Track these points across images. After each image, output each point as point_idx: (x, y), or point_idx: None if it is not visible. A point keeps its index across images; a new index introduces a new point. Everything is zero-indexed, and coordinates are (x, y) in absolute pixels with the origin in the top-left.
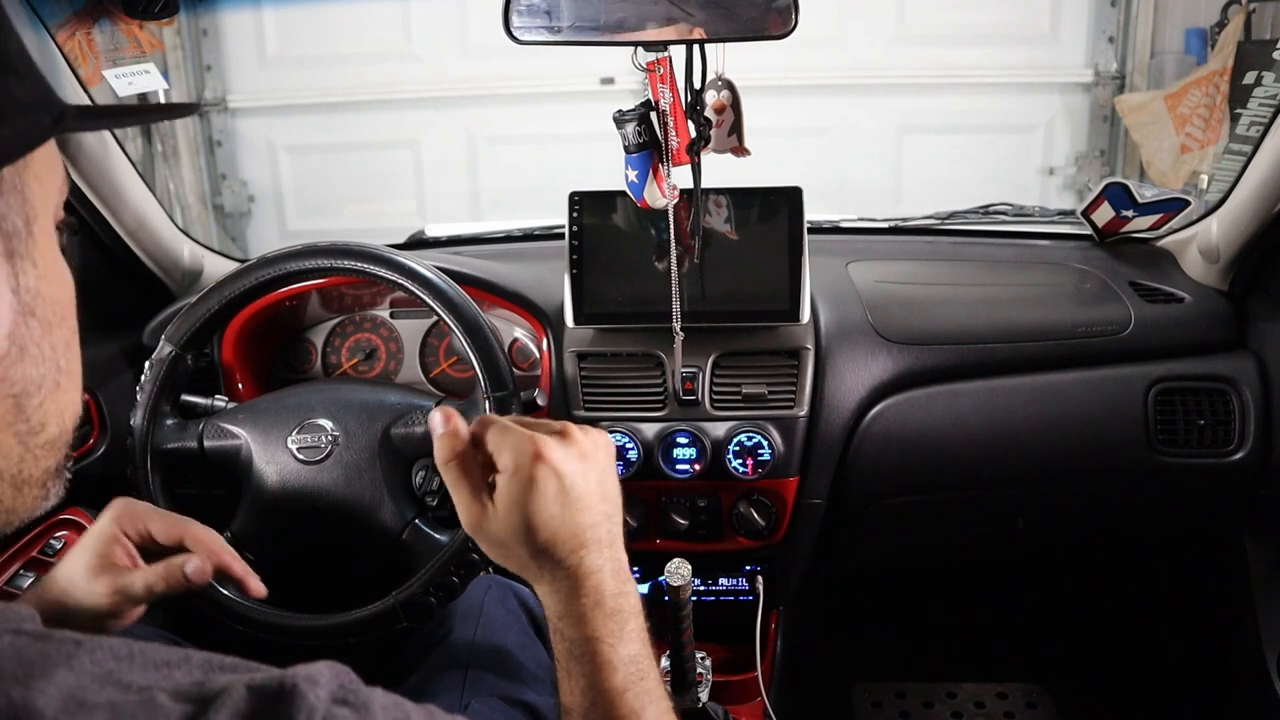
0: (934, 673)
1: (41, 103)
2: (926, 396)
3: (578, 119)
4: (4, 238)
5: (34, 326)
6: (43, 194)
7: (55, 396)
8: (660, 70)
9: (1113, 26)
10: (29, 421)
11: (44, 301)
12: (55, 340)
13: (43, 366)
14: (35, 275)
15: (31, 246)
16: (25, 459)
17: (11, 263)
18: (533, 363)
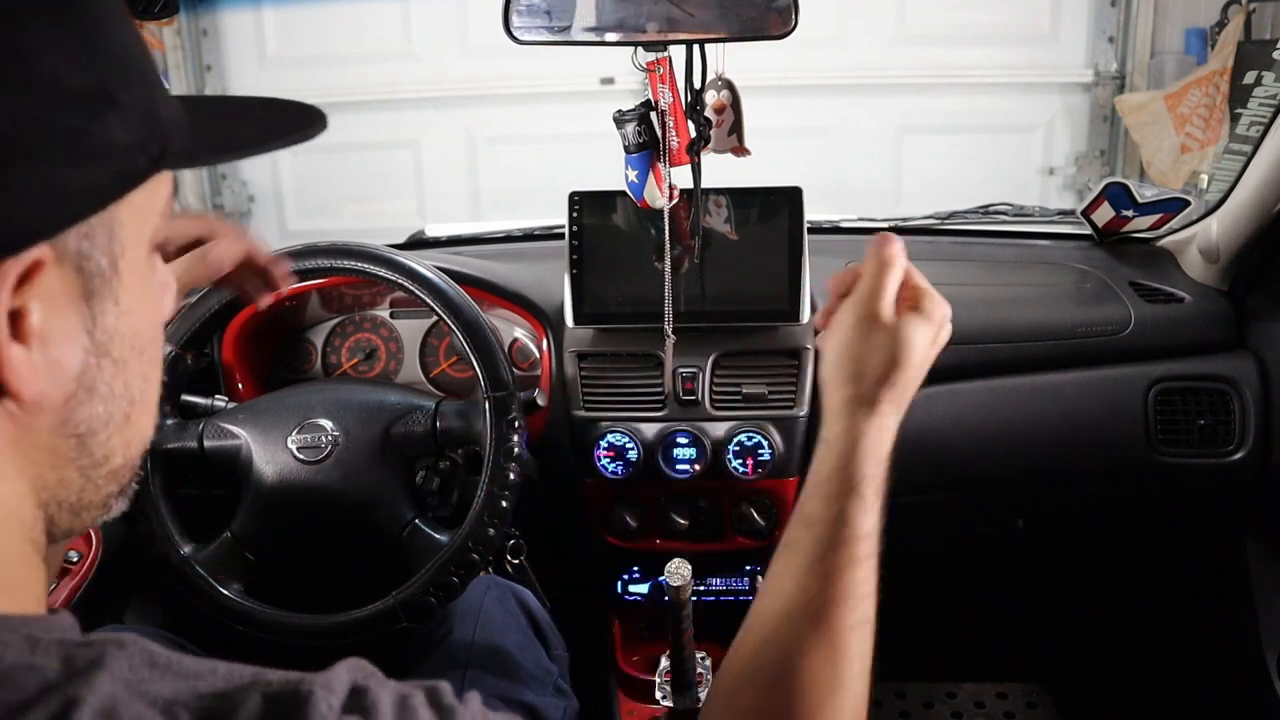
0: (934, 673)
1: (142, 141)
2: (926, 396)
3: (578, 119)
4: (84, 278)
5: (106, 366)
6: (138, 228)
7: (124, 430)
8: (660, 70)
9: (1113, 26)
10: (92, 456)
11: (121, 339)
12: (130, 376)
13: (111, 404)
14: (115, 313)
15: (116, 285)
16: (86, 488)
17: (89, 304)
18: (533, 363)
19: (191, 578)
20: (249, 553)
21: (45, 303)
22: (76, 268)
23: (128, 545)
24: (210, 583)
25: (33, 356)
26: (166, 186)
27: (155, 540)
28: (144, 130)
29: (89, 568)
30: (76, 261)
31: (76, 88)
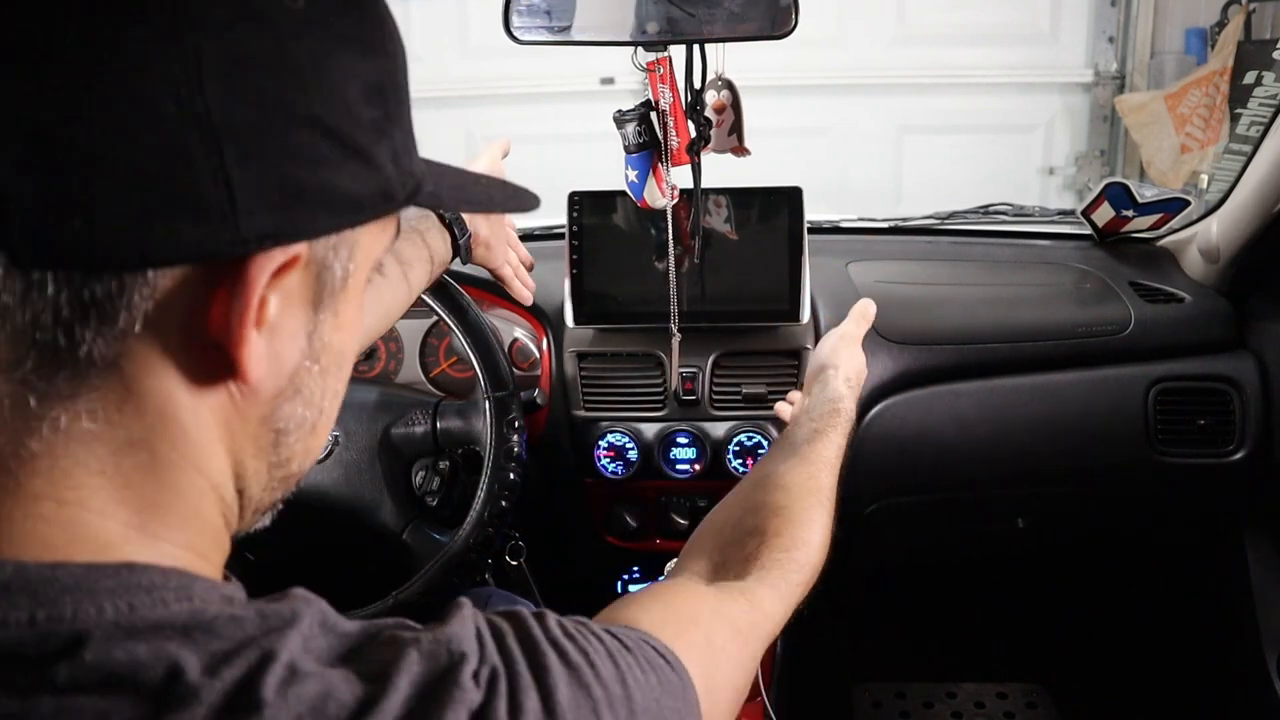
0: (934, 673)
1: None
2: (926, 396)
3: (578, 119)
4: (319, 287)
5: (314, 372)
6: (370, 252)
7: (309, 438)
8: (660, 70)
9: (1113, 26)
10: (279, 455)
11: (330, 352)
12: (328, 387)
13: (309, 410)
14: (332, 325)
15: (340, 299)
16: (267, 487)
17: (316, 312)
18: (533, 363)
19: None
20: (248, 553)
21: (284, 298)
22: (316, 274)
23: None
24: None
25: (262, 345)
26: (394, 224)
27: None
28: (404, 165)
29: None
30: (318, 268)
31: (364, 115)
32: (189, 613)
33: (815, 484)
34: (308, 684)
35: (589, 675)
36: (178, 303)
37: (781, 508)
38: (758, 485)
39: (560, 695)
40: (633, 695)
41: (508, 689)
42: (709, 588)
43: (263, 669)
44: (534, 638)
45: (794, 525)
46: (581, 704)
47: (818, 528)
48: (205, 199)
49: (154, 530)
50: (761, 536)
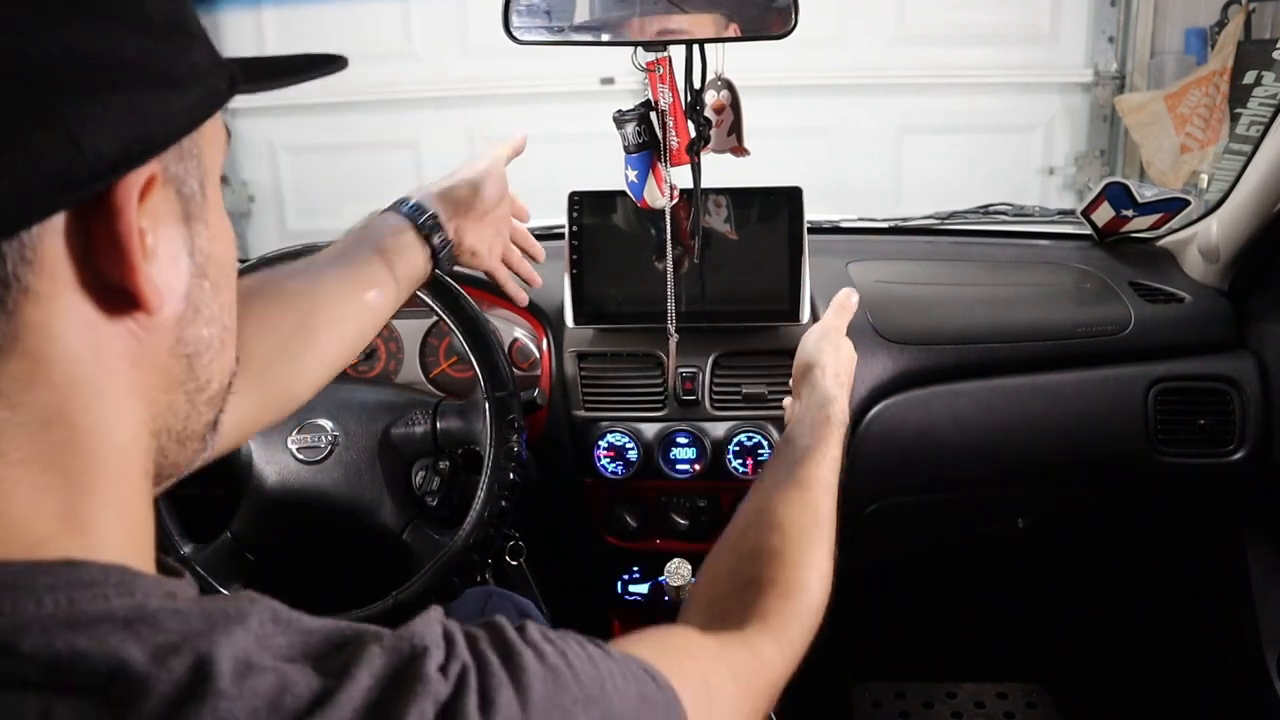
0: (934, 673)
1: (217, 67)
2: (926, 396)
3: (578, 119)
4: (182, 201)
5: (206, 288)
6: (213, 155)
7: (220, 356)
8: (660, 70)
9: (1113, 26)
10: (197, 380)
11: (214, 263)
12: (223, 301)
13: (213, 327)
14: (207, 236)
15: (205, 208)
16: (190, 415)
17: (189, 226)
18: (533, 363)
19: None
20: (249, 553)
21: (155, 221)
22: (176, 190)
23: None
24: (210, 583)
25: (153, 272)
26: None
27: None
28: (217, 58)
29: None
30: (176, 184)
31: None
32: (130, 606)
33: (813, 515)
34: (263, 677)
35: (566, 675)
36: (60, 259)
37: (778, 552)
38: (752, 525)
39: (535, 692)
40: (610, 699)
41: (479, 684)
42: (707, 635)
43: (213, 661)
44: (509, 640)
45: (791, 569)
46: (556, 701)
47: (815, 569)
48: (49, 143)
49: (88, 518)
50: (759, 586)
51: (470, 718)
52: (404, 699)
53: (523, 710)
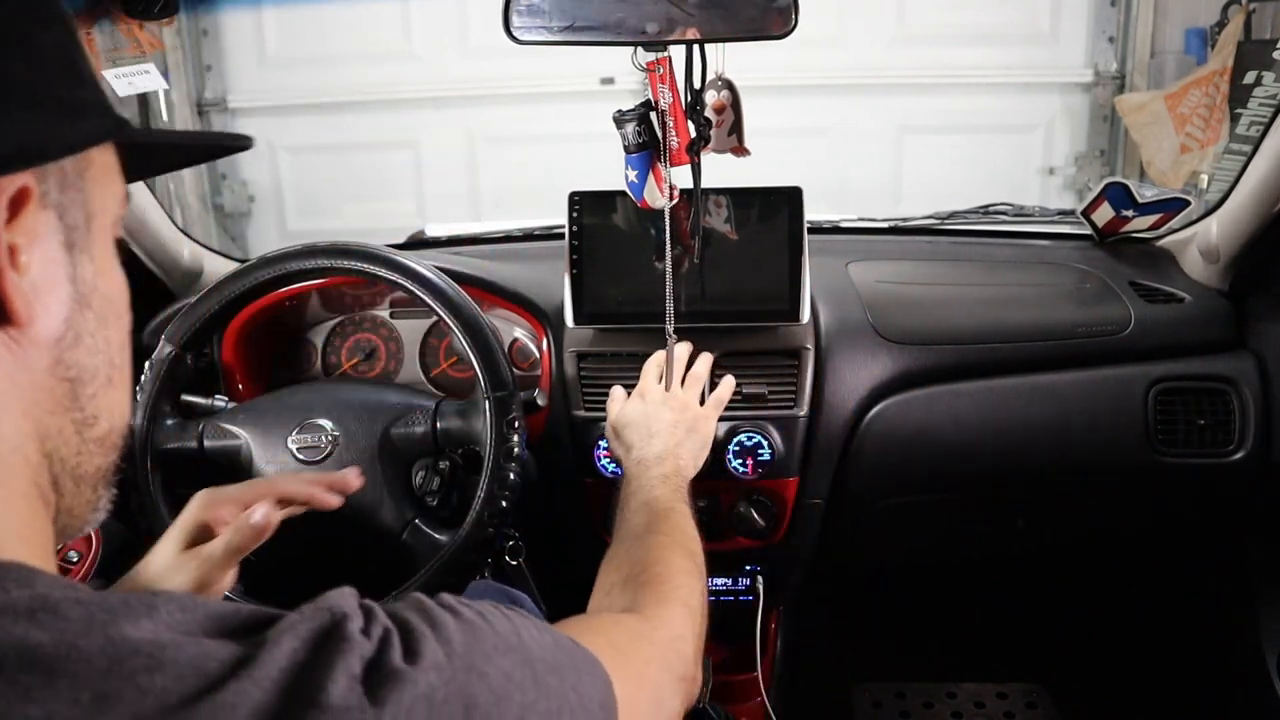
0: (934, 673)
1: (105, 111)
2: (926, 396)
3: (578, 119)
4: (65, 229)
5: (89, 318)
6: (101, 197)
7: (108, 391)
8: (660, 70)
9: (1113, 26)
10: (84, 411)
11: (100, 296)
12: (110, 335)
13: (97, 357)
14: (92, 270)
15: (90, 242)
16: (82, 451)
17: (71, 254)
18: (533, 363)
19: None
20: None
21: (30, 238)
22: (59, 215)
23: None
24: None
25: (25, 285)
26: (119, 182)
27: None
28: (105, 103)
29: (89, 568)
30: (58, 210)
31: (55, 55)
32: (32, 597)
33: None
34: (182, 650)
35: (484, 627)
36: None
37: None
38: (633, 553)
39: (456, 643)
40: (528, 645)
41: (402, 642)
42: (604, 614)
43: (125, 640)
44: (426, 605)
45: (665, 569)
46: (476, 647)
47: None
48: None
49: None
50: (639, 583)
51: (397, 667)
52: (330, 658)
53: (447, 658)
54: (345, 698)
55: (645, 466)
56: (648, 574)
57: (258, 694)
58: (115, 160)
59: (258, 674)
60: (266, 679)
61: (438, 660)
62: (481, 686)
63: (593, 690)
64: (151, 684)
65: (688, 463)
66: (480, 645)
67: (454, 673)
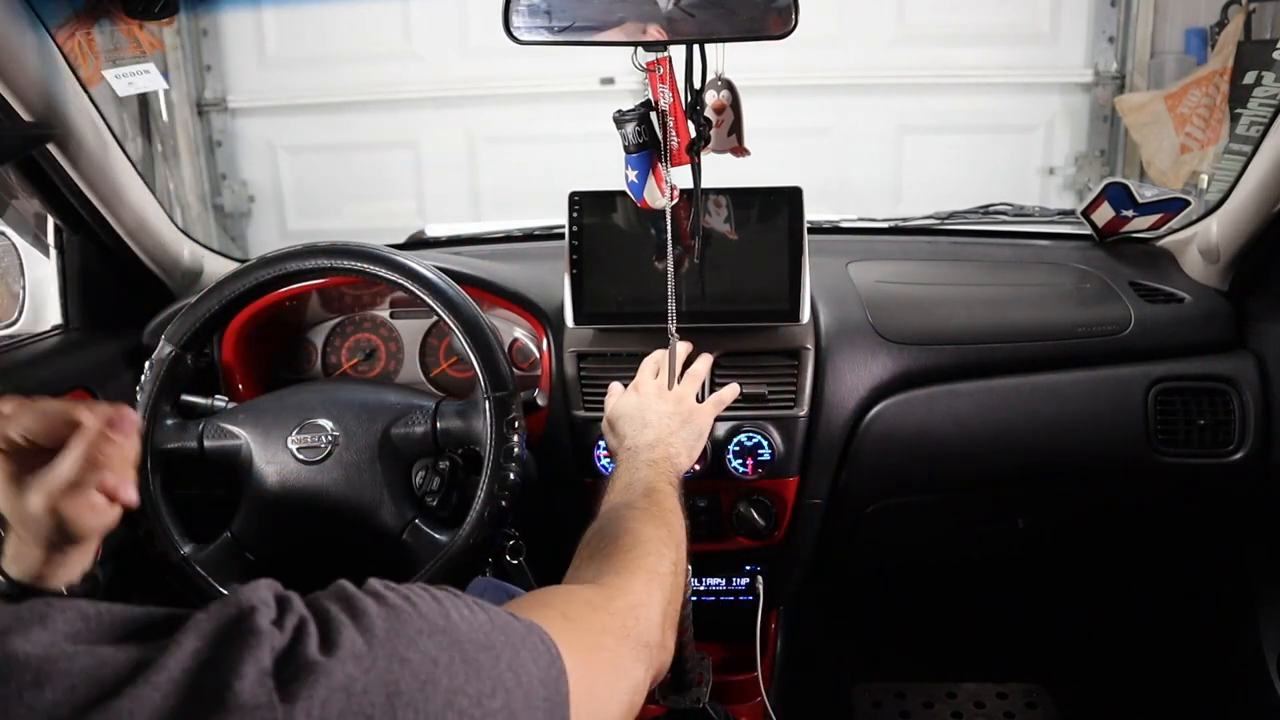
0: (934, 673)
1: None
2: (926, 396)
3: (578, 119)
4: None
5: None
6: None
7: None
8: (660, 70)
9: (1113, 26)
10: None
11: None
12: None
13: None
14: None
15: None
16: None
17: None
18: (533, 363)
19: (191, 578)
20: (249, 553)
21: None
22: None
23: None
24: (210, 583)
25: None
26: None
27: (155, 540)
28: None
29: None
30: None
31: None
32: None
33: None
34: (75, 660)
35: (408, 610)
36: None
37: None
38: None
39: (377, 629)
40: (456, 625)
41: (319, 631)
42: (562, 586)
43: (13, 658)
44: (349, 593)
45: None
46: (399, 632)
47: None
48: None
49: None
50: (607, 554)
51: (312, 659)
52: (237, 653)
53: (368, 646)
54: (254, 694)
55: (635, 453)
56: (614, 544)
57: (157, 698)
58: None
59: (157, 677)
60: (167, 681)
61: (356, 649)
62: (405, 672)
63: (533, 667)
64: (39, 699)
65: (679, 452)
66: (404, 629)
67: (374, 660)
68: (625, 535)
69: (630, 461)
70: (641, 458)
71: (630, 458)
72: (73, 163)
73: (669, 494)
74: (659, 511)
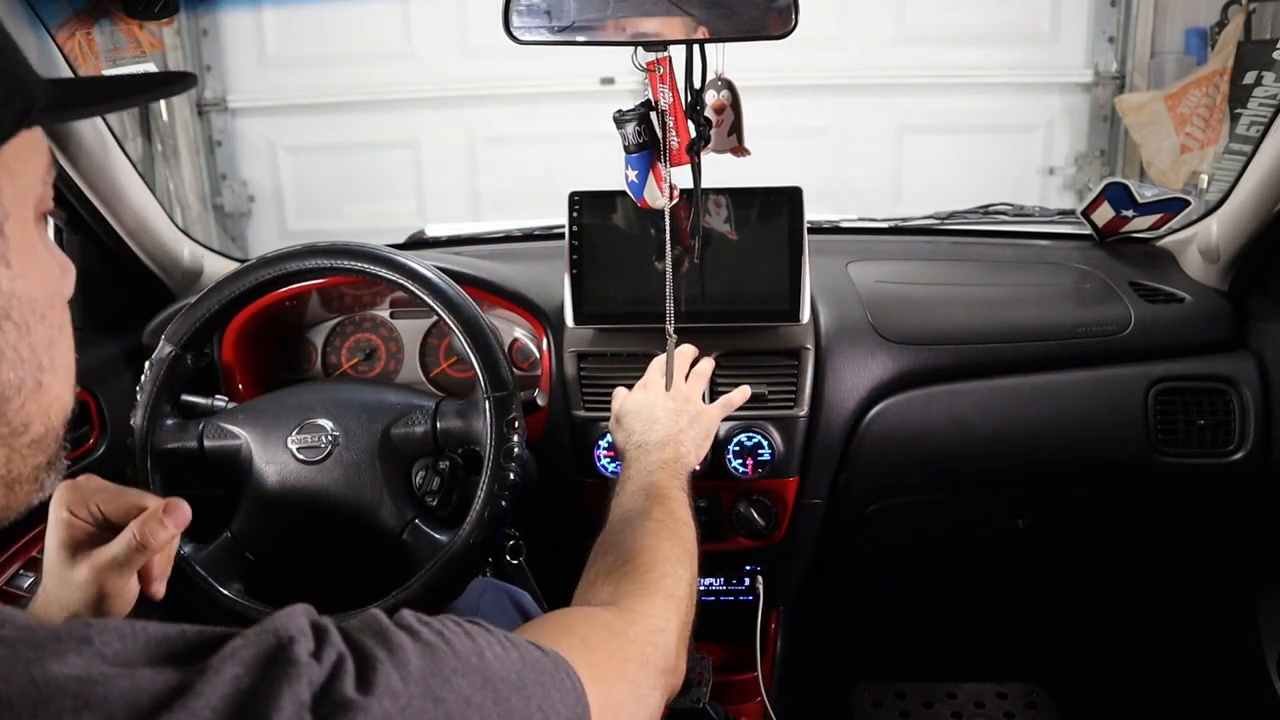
0: (934, 673)
1: (7, 97)
2: (926, 396)
3: (578, 119)
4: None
5: (9, 330)
6: (17, 188)
7: (38, 396)
8: (660, 70)
9: (1113, 26)
10: (10, 424)
11: (19, 302)
12: (35, 340)
13: (20, 370)
14: (9, 276)
15: (4, 247)
16: (13, 459)
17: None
18: (533, 363)
19: (191, 578)
20: (249, 553)
21: None
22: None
23: None
24: (210, 583)
25: None
26: (43, 155)
27: None
28: (8, 86)
29: None
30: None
31: None
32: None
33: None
34: (113, 684)
35: (443, 649)
36: None
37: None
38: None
39: (412, 666)
40: (490, 664)
41: (355, 667)
42: (581, 609)
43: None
44: (383, 626)
45: (650, 558)
46: (434, 671)
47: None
48: None
49: None
50: (623, 572)
51: (349, 697)
52: (276, 684)
53: (403, 683)
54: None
55: (645, 451)
56: (633, 563)
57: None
58: (35, 137)
59: (195, 704)
60: (205, 709)
61: (393, 687)
62: (438, 712)
63: (561, 706)
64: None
65: (688, 450)
66: (439, 668)
67: (409, 699)
68: (643, 553)
69: (640, 460)
70: (651, 457)
71: (640, 455)
72: (73, 163)
73: (682, 502)
74: (674, 524)
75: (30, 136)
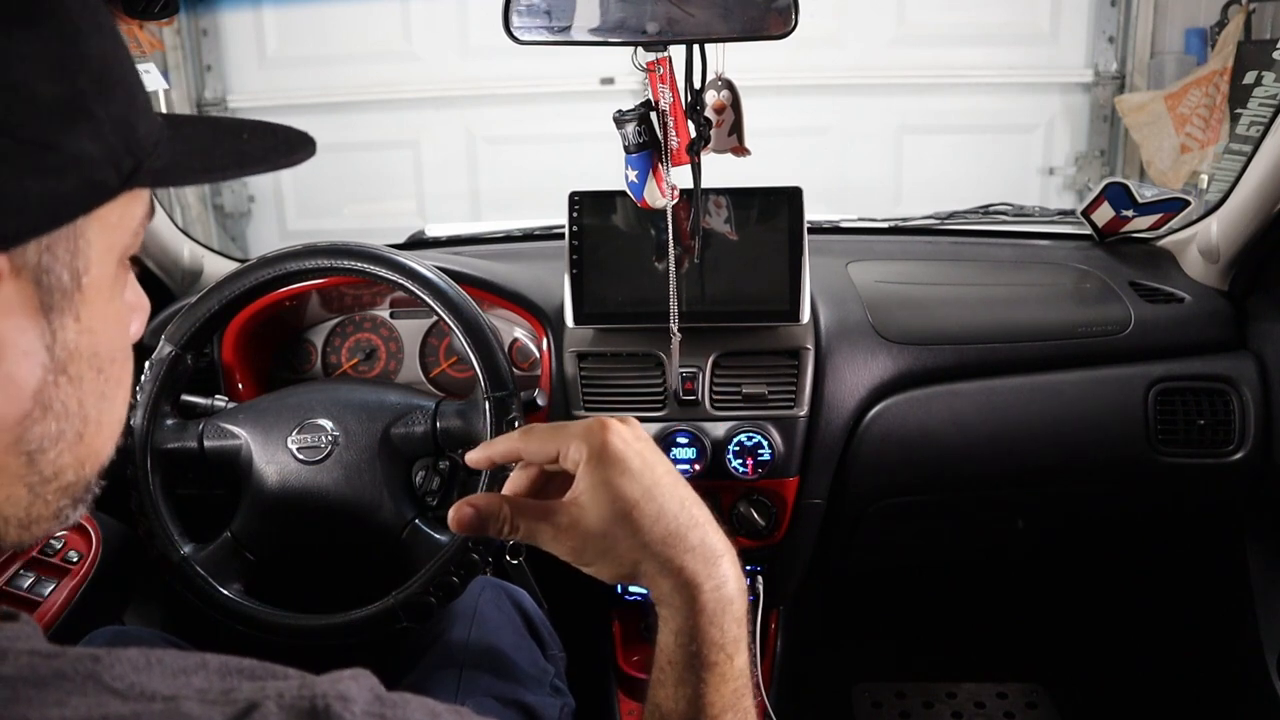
0: (934, 673)
1: (114, 156)
2: (926, 396)
3: (578, 119)
4: (42, 292)
5: (62, 384)
6: (106, 244)
7: (76, 448)
8: (660, 70)
9: (1113, 26)
10: (41, 473)
11: (80, 357)
12: (85, 393)
13: (64, 422)
14: (76, 330)
15: (78, 301)
16: (34, 504)
17: (48, 318)
18: (533, 363)
19: (191, 578)
20: (249, 553)
21: (2, 317)
22: (35, 280)
23: (128, 545)
24: (210, 583)
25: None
26: (141, 204)
27: (155, 540)
28: (118, 145)
29: (89, 568)
30: (35, 274)
31: (49, 97)
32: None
33: None
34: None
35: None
36: None
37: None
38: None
39: None
40: None
41: None
42: None
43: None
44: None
45: None
46: None
47: None
48: None
49: None
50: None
51: None
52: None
53: None
54: None
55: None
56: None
57: None
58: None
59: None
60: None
61: None
62: None
63: None
64: None
65: (715, 537)
66: None
67: None
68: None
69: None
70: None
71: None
72: None
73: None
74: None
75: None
